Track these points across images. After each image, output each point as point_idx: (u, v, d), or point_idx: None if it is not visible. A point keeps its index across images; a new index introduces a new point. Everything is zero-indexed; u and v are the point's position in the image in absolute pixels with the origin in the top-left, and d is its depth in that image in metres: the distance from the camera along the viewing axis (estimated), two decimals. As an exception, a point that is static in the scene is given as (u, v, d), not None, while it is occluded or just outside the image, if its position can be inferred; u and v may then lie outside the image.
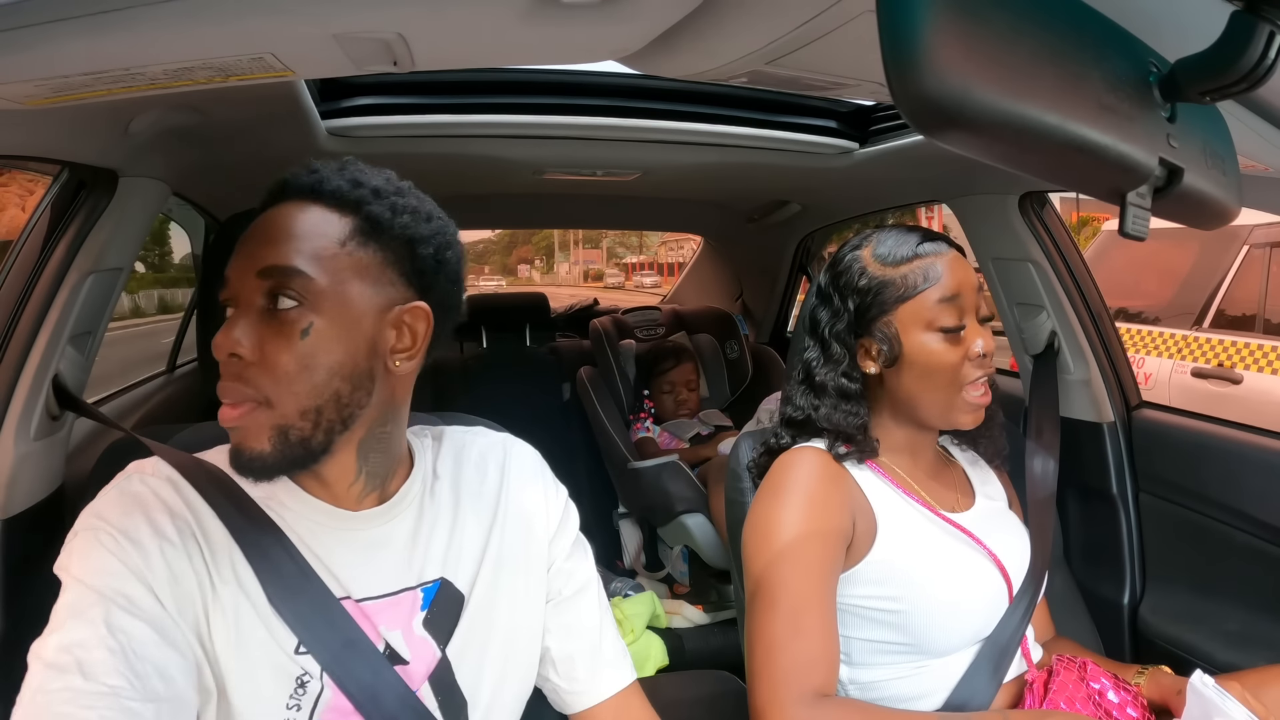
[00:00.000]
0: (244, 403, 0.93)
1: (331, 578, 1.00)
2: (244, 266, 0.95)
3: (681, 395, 3.47)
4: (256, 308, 0.95)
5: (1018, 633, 1.38)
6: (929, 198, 2.61)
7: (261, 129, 1.73)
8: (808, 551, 1.28)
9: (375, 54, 0.95)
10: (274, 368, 0.93)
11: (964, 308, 1.35)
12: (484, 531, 1.11)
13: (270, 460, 0.94)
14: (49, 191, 1.58)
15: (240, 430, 0.94)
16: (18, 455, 1.46)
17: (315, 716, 0.96)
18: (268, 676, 0.95)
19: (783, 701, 1.20)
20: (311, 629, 0.95)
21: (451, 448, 1.17)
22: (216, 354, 0.93)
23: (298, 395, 0.94)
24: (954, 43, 0.52)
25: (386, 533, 1.05)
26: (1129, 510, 2.11)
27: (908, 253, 1.36)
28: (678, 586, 3.07)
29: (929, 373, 1.36)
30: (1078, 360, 2.15)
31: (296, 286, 0.94)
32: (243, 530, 0.97)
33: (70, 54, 0.85)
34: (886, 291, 1.36)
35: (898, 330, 1.36)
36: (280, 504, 1.02)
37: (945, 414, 1.39)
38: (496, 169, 2.47)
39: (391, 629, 1.02)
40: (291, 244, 0.95)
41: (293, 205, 0.99)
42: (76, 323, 1.55)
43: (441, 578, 1.06)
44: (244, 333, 0.93)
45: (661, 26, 0.93)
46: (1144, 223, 0.67)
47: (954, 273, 1.35)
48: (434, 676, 1.03)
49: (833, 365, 1.42)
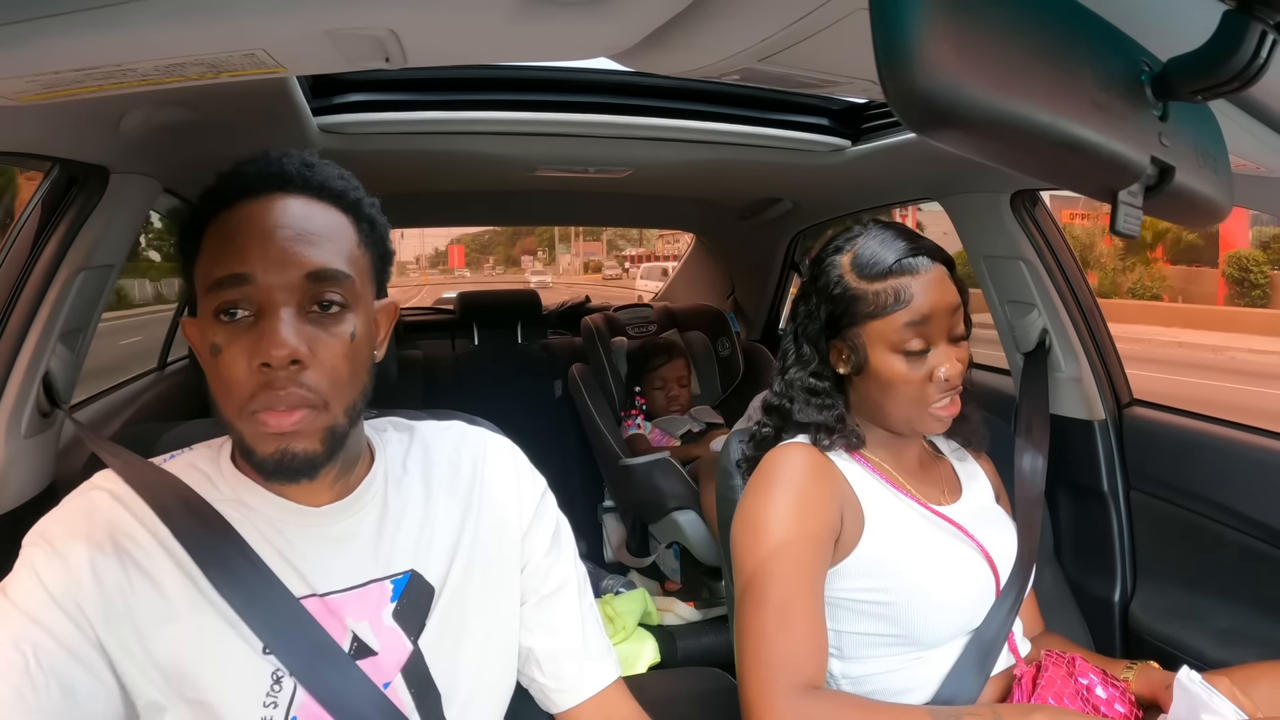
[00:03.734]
0: (300, 408, 0.92)
1: (297, 574, 1.00)
2: (283, 266, 0.92)
3: (673, 391, 3.48)
4: (299, 309, 0.93)
5: (1004, 627, 1.39)
6: (921, 195, 2.61)
7: (253, 125, 1.73)
8: (796, 546, 1.29)
9: (367, 50, 0.95)
10: (332, 371, 0.93)
11: (932, 333, 1.35)
12: (456, 525, 1.11)
13: (321, 459, 0.95)
14: (39, 188, 1.57)
15: (294, 435, 0.92)
16: (8, 453, 1.46)
17: (292, 712, 0.96)
18: (241, 677, 0.95)
19: (773, 693, 1.20)
20: (277, 634, 0.96)
21: (422, 442, 1.17)
22: (274, 358, 0.89)
23: (345, 396, 0.96)
24: (946, 40, 0.52)
25: (352, 525, 1.05)
26: (1120, 507, 2.12)
27: (884, 267, 1.35)
28: (669, 583, 3.07)
29: (891, 389, 1.37)
30: (1069, 358, 2.16)
31: (344, 290, 0.95)
32: (201, 540, 0.96)
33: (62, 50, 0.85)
34: (857, 306, 1.36)
35: (864, 343, 1.37)
36: (246, 505, 1.02)
37: (909, 426, 1.40)
38: (489, 166, 2.46)
39: (359, 620, 1.02)
40: (331, 246, 0.96)
41: (302, 200, 0.98)
42: (67, 320, 1.55)
43: (411, 570, 1.06)
44: (300, 337, 0.91)
45: (654, 23, 0.93)
46: (1135, 221, 0.67)
47: (928, 294, 1.34)
48: (406, 668, 1.03)
49: (801, 364, 1.44)
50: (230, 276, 0.92)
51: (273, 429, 0.91)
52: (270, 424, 0.91)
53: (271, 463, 0.93)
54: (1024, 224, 2.13)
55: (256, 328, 0.91)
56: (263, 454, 0.93)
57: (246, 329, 0.92)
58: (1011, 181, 2.06)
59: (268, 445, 0.92)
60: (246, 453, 0.95)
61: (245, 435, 0.93)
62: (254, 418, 0.91)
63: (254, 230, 0.94)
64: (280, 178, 0.98)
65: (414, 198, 3.12)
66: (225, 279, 0.92)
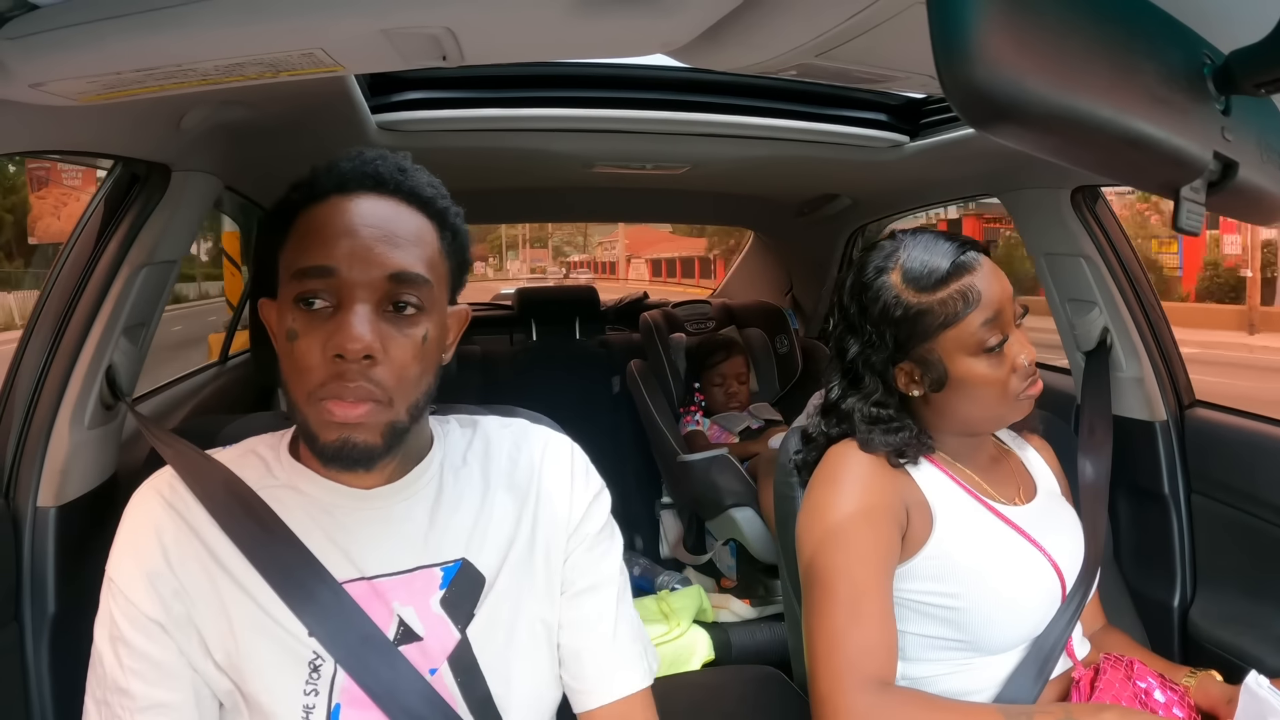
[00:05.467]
0: (367, 401, 0.94)
1: (346, 557, 1.03)
2: (367, 264, 0.95)
3: (732, 388, 3.46)
4: (376, 308, 0.96)
5: (1065, 633, 1.37)
6: (980, 191, 2.58)
7: (312, 123, 1.75)
8: (863, 539, 1.28)
9: (424, 49, 0.96)
10: (401, 370, 0.96)
11: (1005, 322, 1.32)
12: (513, 519, 1.12)
13: (379, 453, 0.97)
14: (102, 186, 1.61)
15: (357, 427, 0.95)
16: (72, 444, 1.50)
17: (334, 699, 0.98)
18: (283, 663, 0.98)
19: (845, 689, 1.20)
20: (321, 620, 0.98)
21: (484, 437, 1.18)
22: (348, 351, 0.92)
23: (410, 395, 0.98)
24: (1005, 34, 0.52)
25: (404, 509, 1.07)
26: (1180, 511, 2.07)
27: (942, 273, 1.31)
28: (725, 580, 3.06)
29: (978, 394, 1.34)
30: (1130, 357, 2.11)
31: (421, 293, 0.98)
32: (246, 528, 1.00)
33: (122, 51, 0.87)
34: (925, 320, 1.32)
35: (941, 356, 1.33)
36: (299, 491, 1.05)
37: (998, 423, 1.40)
38: (546, 162, 2.48)
39: (405, 604, 1.03)
40: (415, 250, 0.99)
41: (392, 203, 1.01)
42: (130, 314, 1.58)
43: (463, 559, 1.07)
44: (375, 333, 0.94)
45: (710, 20, 0.93)
46: (1198, 218, 0.66)
47: (991, 287, 1.32)
48: (453, 657, 1.04)
49: (862, 396, 1.39)
50: (315, 268, 0.95)
51: (338, 419, 0.93)
52: (336, 414, 0.93)
53: (331, 450, 0.95)
54: (1085, 220, 2.09)
55: (334, 319, 0.94)
56: (324, 440, 0.95)
57: (325, 319, 0.94)
58: (1072, 177, 2.02)
59: (330, 433, 0.95)
60: (309, 438, 0.97)
61: (310, 420, 0.96)
62: (321, 405, 0.94)
63: (343, 226, 0.97)
64: (374, 178, 1.01)
65: (472, 195, 3.08)
66: (310, 269, 0.95)
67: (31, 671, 1.44)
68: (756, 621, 2.80)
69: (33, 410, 1.50)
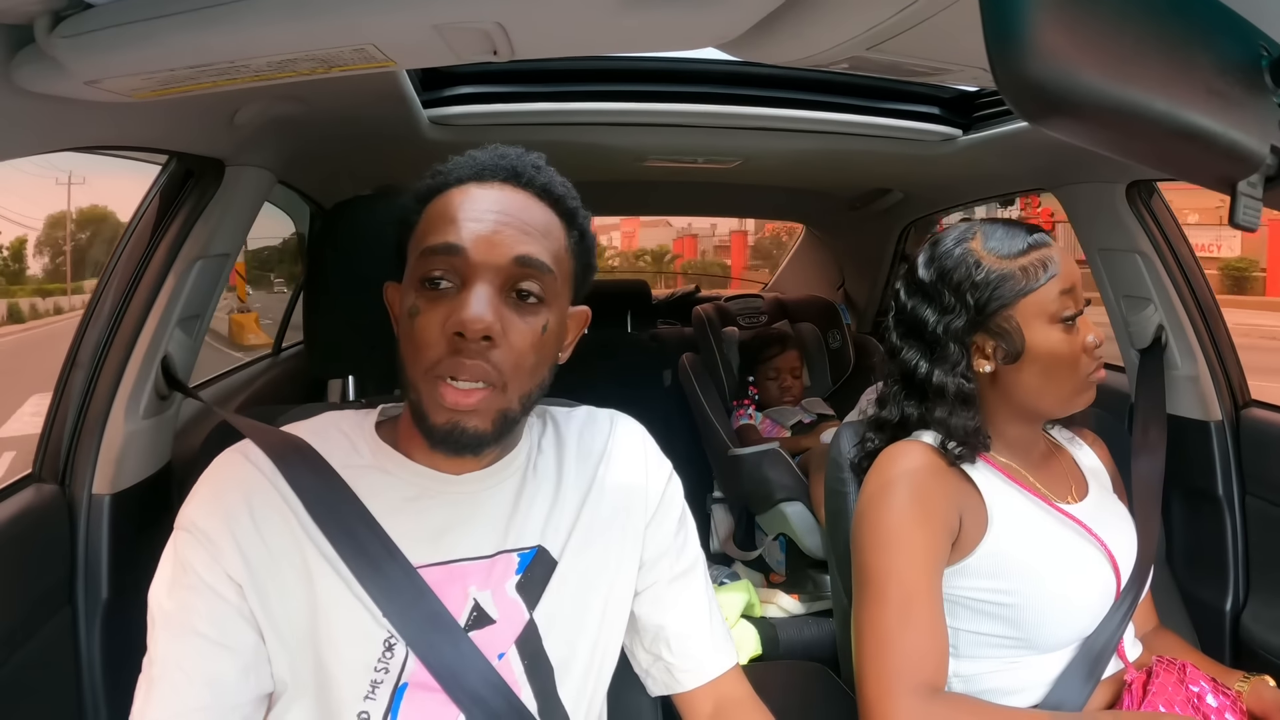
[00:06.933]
0: (481, 386, 0.96)
1: (425, 541, 1.04)
2: (493, 245, 0.97)
3: (786, 382, 3.45)
4: (499, 291, 0.97)
5: (1117, 632, 1.36)
6: (1034, 186, 2.55)
7: (364, 118, 1.77)
8: (915, 544, 1.28)
9: (475, 44, 0.97)
10: (518, 355, 0.98)
11: (1079, 297, 1.35)
12: (579, 500, 1.13)
13: (489, 440, 0.99)
14: (157, 180, 1.64)
15: (469, 412, 0.96)
16: (127, 433, 1.53)
17: (402, 679, 0.99)
18: (356, 642, 0.99)
19: (894, 694, 1.20)
20: (394, 602, 0.99)
21: (554, 424, 1.20)
22: (469, 330, 0.93)
23: (524, 384, 1.00)
24: (1058, 27, 0.52)
25: (488, 496, 1.08)
26: (1234, 513, 2.04)
27: (1023, 245, 1.34)
28: (774, 575, 3.06)
29: (1053, 366, 1.34)
30: (1185, 355, 2.08)
31: (544, 283, 1.00)
32: (327, 507, 1.01)
33: (175, 48, 0.89)
34: (1007, 285, 1.33)
35: (1019, 324, 1.34)
36: (384, 471, 1.06)
37: (1068, 403, 1.39)
38: (598, 156, 2.49)
39: (482, 589, 1.04)
40: (543, 241, 1.01)
41: (525, 195, 1.03)
42: (185, 306, 1.61)
43: (539, 545, 1.09)
44: (496, 315, 0.96)
45: (761, 13, 0.93)
46: (1255, 213, 0.65)
47: (1067, 263, 1.34)
48: (520, 639, 1.05)
49: (948, 366, 1.38)
50: (443, 245, 0.97)
51: (450, 404, 0.95)
52: (449, 400, 0.95)
53: (441, 432, 0.97)
54: (1140, 216, 2.06)
55: (457, 298, 0.96)
56: (435, 421, 0.97)
57: (448, 298, 0.97)
58: (1127, 172, 1.99)
59: (442, 415, 0.96)
60: (419, 416, 0.99)
61: (424, 398, 0.97)
62: (437, 383, 0.95)
63: (474, 208, 1.00)
64: (511, 170, 1.03)
65: None
66: (438, 247, 0.98)
67: (84, 655, 1.47)
68: (804, 617, 2.79)
69: (89, 400, 1.53)
